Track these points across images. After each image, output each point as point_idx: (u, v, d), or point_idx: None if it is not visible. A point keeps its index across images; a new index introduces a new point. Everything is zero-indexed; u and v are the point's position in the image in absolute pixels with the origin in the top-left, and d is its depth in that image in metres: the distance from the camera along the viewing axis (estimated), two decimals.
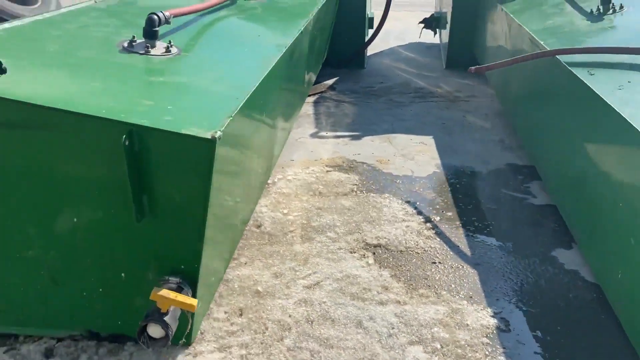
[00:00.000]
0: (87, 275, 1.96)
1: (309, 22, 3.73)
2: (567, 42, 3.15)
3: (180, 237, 1.85)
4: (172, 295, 1.73)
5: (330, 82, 5.78)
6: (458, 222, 2.98)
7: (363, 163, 3.74)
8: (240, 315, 2.23)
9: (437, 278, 2.50)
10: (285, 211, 3.04)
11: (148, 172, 1.74)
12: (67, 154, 1.76)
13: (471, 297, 2.39)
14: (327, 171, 3.59)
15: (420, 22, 6.81)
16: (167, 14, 2.56)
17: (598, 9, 3.66)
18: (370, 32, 6.20)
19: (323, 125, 4.51)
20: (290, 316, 2.23)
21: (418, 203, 3.18)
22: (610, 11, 3.61)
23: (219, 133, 1.71)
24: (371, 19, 6.29)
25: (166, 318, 1.74)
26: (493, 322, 2.23)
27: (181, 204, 1.79)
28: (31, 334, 2.11)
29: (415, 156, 3.86)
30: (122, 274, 1.95)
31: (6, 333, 2.11)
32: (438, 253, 2.70)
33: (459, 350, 2.08)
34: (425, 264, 2.60)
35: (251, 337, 2.12)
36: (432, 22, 6.80)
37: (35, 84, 1.85)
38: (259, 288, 2.39)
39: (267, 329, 2.16)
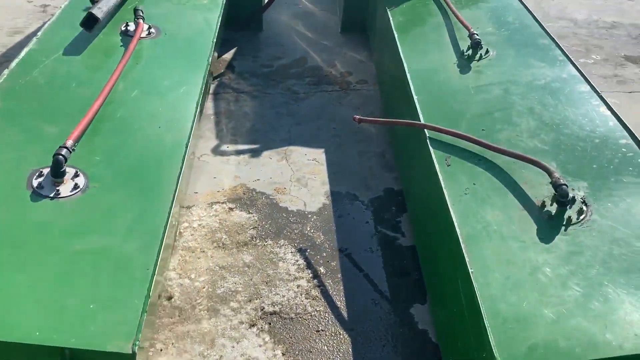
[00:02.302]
0: None
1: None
2: (434, 96, 3.68)
3: None
4: None
5: (228, 56, 5.91)
6: (339, 275, 3.60)
7: (262, 194, 4.18)
8: None
9: (319, 348, 3.17)
10: (192, 275, 3.51)
11: None
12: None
13: None
14: (230, 209, 4.02)
15: None
16: (69, 143, 2.76)
17: (468, 52, 4.08)
18: None
19: (224, 134, 4.82)
20: None
21: (309, 251, 3.74)
22: (478, 57, 4.05)
23: (136, 346, 2.15)
24: None
25: None
26: None
27: None
28: None
29: (309, 181, 4.34)
30: None
31: None
32: (322, 318, 3.34)
33: None
34: (311, 333, 3.25)
35: None
36: None
37: None
38: None
39: None
